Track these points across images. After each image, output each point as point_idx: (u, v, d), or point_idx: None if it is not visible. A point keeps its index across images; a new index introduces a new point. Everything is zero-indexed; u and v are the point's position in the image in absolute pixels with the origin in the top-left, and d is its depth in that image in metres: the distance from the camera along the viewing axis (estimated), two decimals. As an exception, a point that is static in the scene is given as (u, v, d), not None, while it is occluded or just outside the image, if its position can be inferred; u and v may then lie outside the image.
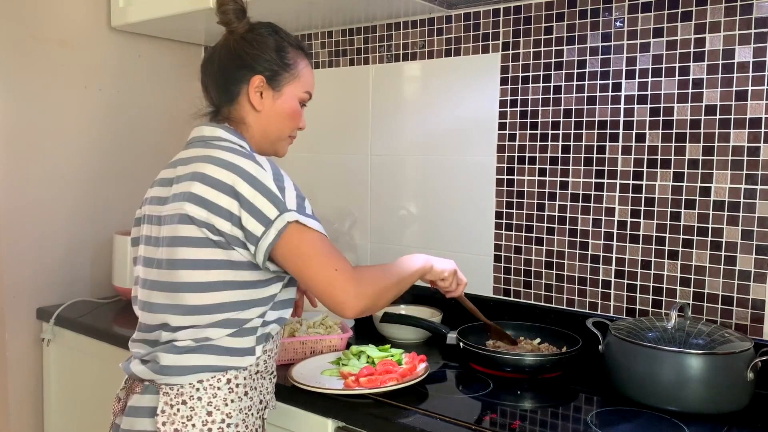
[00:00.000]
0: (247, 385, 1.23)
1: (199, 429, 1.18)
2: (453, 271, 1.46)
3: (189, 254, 1.17)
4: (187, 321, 1.19)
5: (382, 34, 2.02)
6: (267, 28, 1.30)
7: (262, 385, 1.27)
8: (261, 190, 1.15)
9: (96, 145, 2.24)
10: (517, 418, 1.30)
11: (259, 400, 1.26)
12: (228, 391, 1.20)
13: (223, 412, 1.19)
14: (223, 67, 1.29)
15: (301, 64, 1.32)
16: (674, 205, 1.55)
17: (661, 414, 1.30)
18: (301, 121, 1.36)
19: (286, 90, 1.30)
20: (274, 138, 1.33)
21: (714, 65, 1.48)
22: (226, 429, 1.19)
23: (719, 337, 1.35)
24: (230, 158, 1.18)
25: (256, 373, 1.25)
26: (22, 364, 2.14)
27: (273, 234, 1.14)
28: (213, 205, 1.15)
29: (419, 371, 1.45)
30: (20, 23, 2.06)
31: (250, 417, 1.23)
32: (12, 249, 2.08)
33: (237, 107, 1.29)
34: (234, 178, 1.15)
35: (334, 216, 2.12)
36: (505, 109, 1.78)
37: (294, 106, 1.32)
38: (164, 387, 1.20)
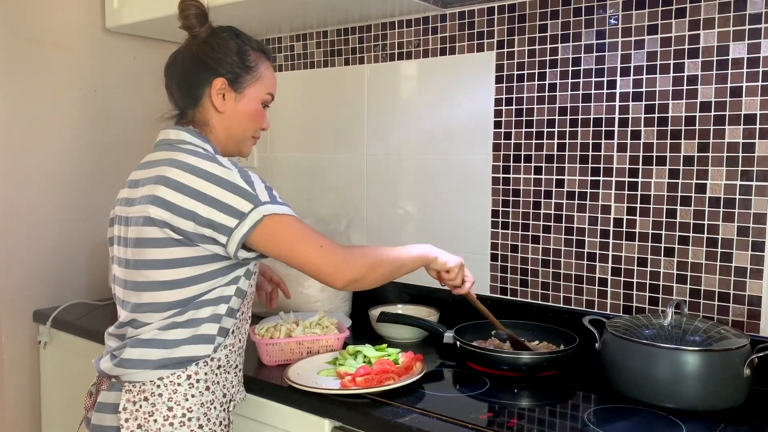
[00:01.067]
0: (209, 380, 1.27)
1: (160, 424, 1.22)
2: (459, 265, 1.47)
3: (154, 255, 1.22)
4: (153, 317, 1.24)
5: (377, 34, 2.02)
6: (228, 32, 1.34)
7: (225, 380, 1.31)
8: (229, 188, 1.20)
9: (91, 146, 2.24)
10: (514, 417, 1.30)
11: (223, 393, 1.30)
12: (188, 387, 1.24)
13: (184, 407, 1.24)
14: (186, 71, 1.33)
15: (263, 66, 1.35)
16: (670, 202, 1.55)
17: (658, 411, 1.30)
18: (264, 121, 1.39)
19: (247, 92, 1.33)
20: (237, 138, 1.36)
21: (708, 62, 1.48)
22: (187, 423, 1.24)
23: (716, 333, 1.35)
24: (194, 162, 1.22)
25: (218, 368, 1.28)
26: (19, 367, 2.13)
27: (248, 225, 1.20)
28: (176, 207, 1.19)
29: (416, 370, 1.45)
30: (14, 25, 2.05)
31: (213, 411, 1.28)
32: (7, 252, 2.07)
33: (201, 110, 1.32)
34: (198, 181, 1.20)
35: (330, 216, 2.12)
36: (501, 108, 1.78)
37: (256, 108, 1.35)
38: (127, 384, 1.24)
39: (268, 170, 2.33)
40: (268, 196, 1.22)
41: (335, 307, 1.94)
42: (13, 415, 2.15)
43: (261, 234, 1.20)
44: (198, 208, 1.18)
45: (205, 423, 1.26)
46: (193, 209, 1.19)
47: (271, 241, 1.22)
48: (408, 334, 1.74)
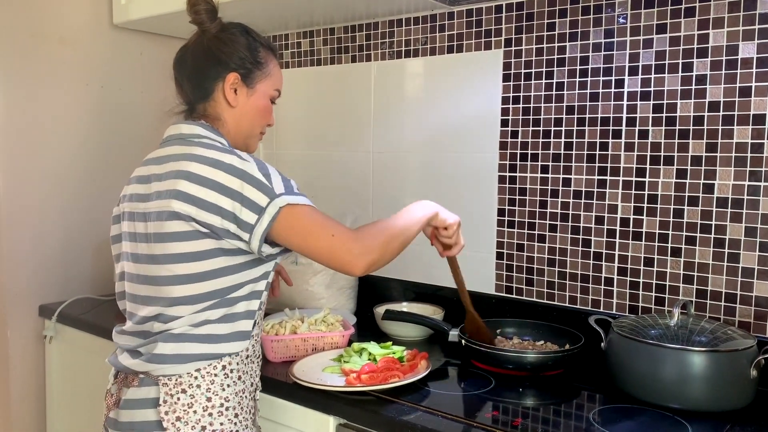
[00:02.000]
0: (240, 370, 1.29)
1: (200, 414, 1.23)
2: (457, 223, 1.47)
3: (179, 248, 1.22)
4: (181, 311, 1.23)
5: (384, 31, 2.02)
6: (238, 27, 1.35)
7: (252, 369, 1.33)
8: (249, 181, 1.20)
9: (97, 142, 2.24)
10: (519, 416, 1.30)
11: (251, 383, 1.32)
12: (224, 377, 1.26)
13: (221, 397, 1.25)
14: (197, 65, 1.33)
15: (272, 63, 1.37)
16: (677, 202, 1.54)
17: (664, 412, 1.29)
18: (271, 117, 1.41)
19: (258, 87, 1.35)
20: (246, 133, 1.37)
21: (717, 61, 1.47)
22: (225, 412, 1.25)
23: (722, 334, 1.34)
24: (213, 155, 1.22)
25: (247, 358, 1.30)
26: (25, 361, 2.14)
27: (267, 220, 1.20)
28: (201, 201, 1.19)
29: (421, 368, 1.45)
30: (21, 21, 2.06)
31: (245, 399, 1.30)
32: (14, 247, 2.08)
33: (212, 104, 1.33)
34: (221, 174, 1.20)
35: (335, 213, 2.10)
36: (508, 106, 1.77)
37: (266, 103, 1.37)
38: (162, 378, 1.23)
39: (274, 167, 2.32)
40: (283, 187, 1.23)
41: (340, 304, 1.94)
42: (19, 408, 2.15)
43: (279, 226, 1.21)
44: (223, 202, 1.19)
45: (240, 411, 1.28)
46: (218, 203, 1.19)
47: (288, 232, 1.22)
48: (413, 332, 1.74)
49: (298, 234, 1.23)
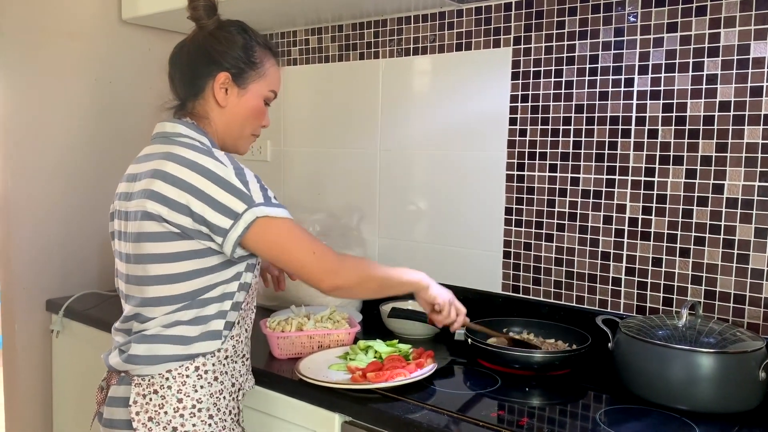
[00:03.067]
0: (217, 371, 1.27)
1: (171, 415, 1.23)
2: (449, 301, 1.47)
3: (154, 249, 1.22)
4: (154, 312, 1.24)
5: (393, 28, 2.01)
6: (236, 26, 1.33)
7: (233, 369, 1.31)
8: (224, 186, 1.19)
9: (105, 138, 2.25)
10: (525, 415, 1.29)
11: (231, 383, 1.30)
12: (197, 378, 1.25)
13: (193, 398, 1.24)
14: (190, 62, 1.32)
15: (268, 63, 1.34)
16: (686, 202, 1.53)
17: (671, 413, 1.28)
18: (264, 119, 1.38)
19: (251, 88, 1.32)
20: (236, 135, 1.34)
21: (728, 61, 1.46)
22: (197, 414, 1.24)
23: (731, 336, 1.33)
24: (190, 156, 1.21)
25: (225, 359, 1.29)
26: (32, 355, 2.15)
27: (242, 227, 1.19)
28: (173, 202, 1.19)
29: (426, 367, 1.44)
30: (30, 16, 2.06)
31: (222, 400, 1.28)
32: (21, 242, 2.09)
33: (202, 102, 1.31)
34: (194, 176, 1.19)
35: (342, 211, 2.11)
36: (516, 104, 1.77)
37: (258, 105, 1.34)
38: (136, 378, 1.25)
39: (281, 164, 2.33)
40: (262, 197, 1.21)
41: (346, 301, 1.94)
42: (26, 401, 2.16)
43: (254, 235, 1.20)
44: (194, 204, 1.18)
45: (215, 413, 1.26)
46: (189, 205, 1.18)
47: (263, 243, 1.21)
48: (419, 330, 1.74)
49: (276, 246, 1.22)
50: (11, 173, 2.07)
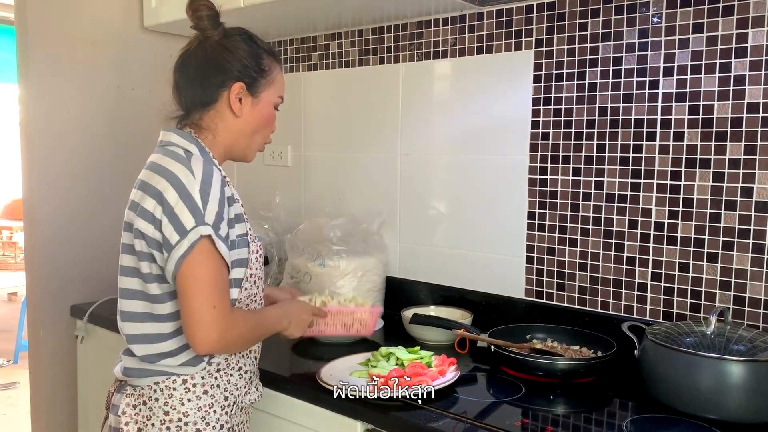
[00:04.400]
0: (206, 384, 1.26)
1: (158, 428, 1.23)
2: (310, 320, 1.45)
3: (124, 261, 1.26)
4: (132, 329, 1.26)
5: (413, 32, 2.00)
6: (242, 34, 1.32)
7: (228, 383, 1.29)
8: (184, 198, 1.17)
9: (128, 144, 2.26)
10: (549, 424, 1.28)
11: (224, 397, 1.28)
12: (184, 391, 1.24)
13: (180, 412, 1.23)
14: (200, 73, 1.29)
15: (275, 69, 1.34)
16: (714, 206, 1.50)
17: (700, 423, 1.26)
18: (274, 125, 1.39)
19: (263, 96, 1.32)
20: (245, 144, 1.34)
21: (757, 61, 1.43)
22: (183, 427, 1.23)
23: (761, 343, 1.30)
24: (164, 163, 1.21)
25: (217, 372, 1.27)
26: (57, 360, 2.17)
27: (186, 245, 1.16)
28: (141, 208, 1.20)
29: (449, 374, 1.43)
30: (54, 24, 2.09)
31: (212, 414, 1.26)
32: (46, 248, 2.11)
33: (212, 113, 1.30)
34: (163, 183, 1.18)
35: (363, 216, 2.10)
36: (539, 108, 1.75)
37: (270, 112, 1.35)
38: (129, 388, 1.27)
39: (301, 169, 2.33)
40: (212, 220, 1.17)
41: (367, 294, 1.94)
42: (51, 406, 2.19)
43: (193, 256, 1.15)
44: (156, 211, 1.17)
45: (204, 427, 1.25)
46: (153, 211, 1.18)
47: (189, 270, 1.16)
48: (441, 337, 1.72)
49: (192, 278, 1.16)
50: (36, 180, 2.09)
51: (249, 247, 1.28)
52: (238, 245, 1.25)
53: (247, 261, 1.28)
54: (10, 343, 4.79)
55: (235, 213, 1.25)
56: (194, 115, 1.31)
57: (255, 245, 1.30)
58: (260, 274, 1.33)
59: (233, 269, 1.25)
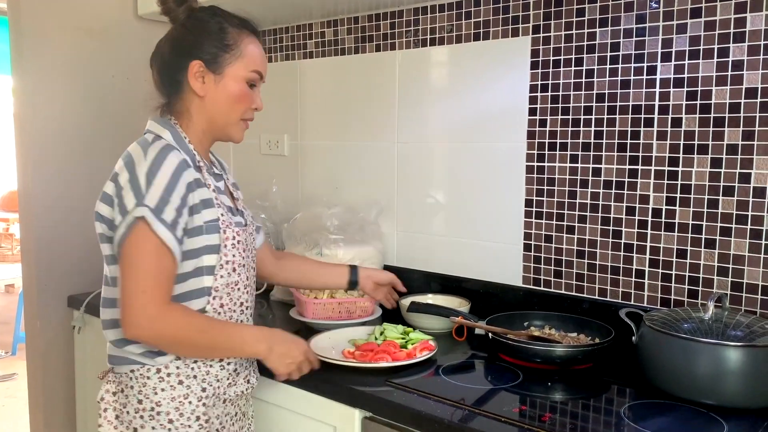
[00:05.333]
0: (182, 374, 1.24)
1: (132, 416, 1.23)
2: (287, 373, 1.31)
3: (105, 250, 1.26)
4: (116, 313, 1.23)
5: (409, 19, 1.99)
6: (207, 11, 1.29)
7: (207, 373, 1.27)
8: (131, 179, 1.16)
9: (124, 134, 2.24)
10: (547, 410, 1.28)
11: (201, 388, 1.26)
12: (158, 380, 1.23)
13: (153, 401, 1.23)
14: (165, 58, 1.29)
15: (245, 42, 1.27)
16: (712, 192, 1.50)
17: (698, 408, 1.26)
18: (253, 101, 1.31)
19: (228, 71, 1.26)
20: (222, 123, 1.29)
21: (755, 46, 1.42)
22: (156, 416, 1.23)
23: (759, 328, 1.30)
24: (130, 147, 1.22)
25: (194, 362, 1.25)
26: (54, 351, 2.17)
27: (124, 227, 1.16)
28: (102, 193, 1.21)
29: (417, 358, 1.46)
30: (47, 13, 2.07)
31: (187, 405, 1.24)
32: (42, 238, 2.10)
33: (183, 97, 1.28)
34: (120, 165, 1.20)
35: (360, 205, 2.10)
36: (536, 94, 1.74)
37: (239, 88, 1.27)
38: (110, 375, 1.28)
39: (298, 158, 2.32)
40: (155, 203, 1.15)
41: None
42: (49, 396, 2.18)
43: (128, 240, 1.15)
44: (113, 192, 1.18)
45: (177, 418, 1.23)
46: (111, 193, 1.19)
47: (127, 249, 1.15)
48: (439, 324, 1.72)
49: (128, 258, 1.15)
50: (31, 171, 2.08)
51: (221, 233, 1.25)
52: (206, 231, 1.23)
53: (219, 247, 1.24)
54: (7, 334, 4.80)
55: (201, 198, 1.22)
56: (173, 101, 1.30)
57: (231, 231, 1.27)
58: (243, 261, 1.30)
59: (204, 256, 1.22)
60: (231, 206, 1.34)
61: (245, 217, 1.40)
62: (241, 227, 1.32)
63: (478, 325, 1.57)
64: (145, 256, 1.15)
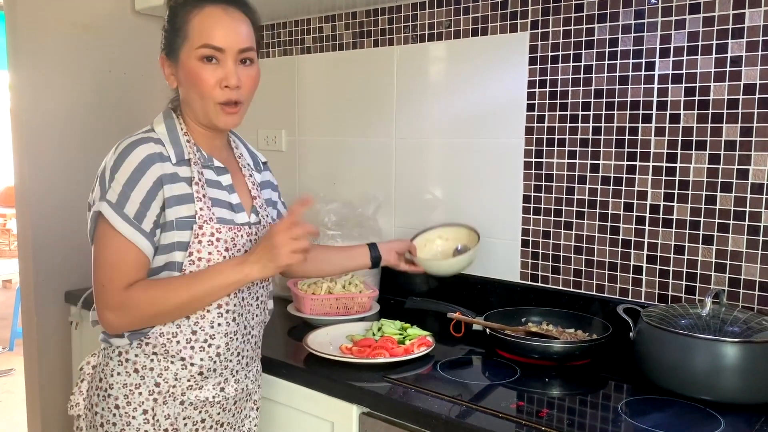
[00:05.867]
0: (138, 363, 1.22)
1: (92, 392, 1.26)
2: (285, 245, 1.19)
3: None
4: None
5: (407, 14, 1.98)
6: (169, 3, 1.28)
7: (165, 369, 1.22)
8: (101, 173, 1.20)
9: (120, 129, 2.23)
10: (545, 406, 1.28)
11: (155, 382, 1.22)
12: (117, 364, 1.23)
13: (107, 382, 1.24)
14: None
15: (189, 21, 1.20)
16: (709, 188, 1.50)
17: (695, 404, 1.26)
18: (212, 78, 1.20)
19: (182, 56, 1.21)
20: (198, 110, 1.24)
21: (754, 42, 1.42)
22: (106, 398, 1.23)
23: (756, 324, 1.30)
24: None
25: (153, 354, 1.22)
26: (51, 347, 2.17)
27: (90, 222, 1.21)
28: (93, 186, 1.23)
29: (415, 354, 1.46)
30: (44, 8, 2.06)
31: (136, 395, 1.22)
32: (39, 234, 2.10)
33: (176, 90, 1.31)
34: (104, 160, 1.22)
35: (358, 200, 2.10)
36: (534, 90, 1.73)
37: (192, 70, 1.20)
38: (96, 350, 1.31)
39: (295, 154, 2.32)
40: (115, 198, 1.16)
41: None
42: (46, 391, 2.18)
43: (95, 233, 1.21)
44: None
45: (124, 405, 1.22)
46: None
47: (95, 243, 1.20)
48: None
49: (95, 251, 1.21)
50: (28, 167, 2.08)
51: (194, 230, 1.20)
52: (177, 227, 1.19)
53: (188, 245, 1.20)
54: (5, 330, 4.79)
55: (175, 194, 1.19)
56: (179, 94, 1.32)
57: (210, 227, 1.21)
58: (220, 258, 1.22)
59: (175, 252, 1.19)
60: (231, 202, 1.28)
61: (260, 217, 1.33)
62: (232, 225, 1.25)
63: (476, 320, 1.57)
64: (105, 250, 1.18)
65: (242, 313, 1.29)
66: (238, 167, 1.37)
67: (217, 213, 1.24)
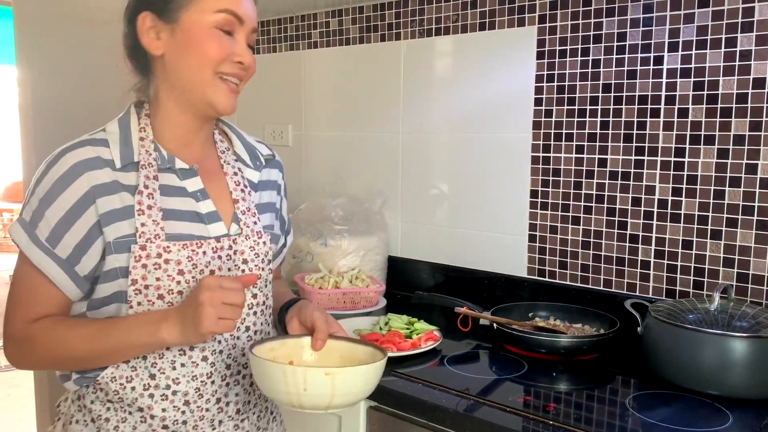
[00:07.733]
0: (94, 411, 1.03)
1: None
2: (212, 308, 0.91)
3: None
4: None
5: (414, 9, 1.98)
6: None
7: (123, 420, 1.01)
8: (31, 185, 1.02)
9: (128, 124, 2.25)
10: (552, 401, 1.28)
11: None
12: (76, 409, 1.06)
13: (68, 430, 1.07)
14: (123, 30, 1.06)
15: None
16: (718, 182, 1.49)
17: (703, 398, 1.26)
18: (228, 49, 1.00)
19: (184, 17, 0.99)
20: (191, 86, 1.01)
21: (763, 36, 1.41)
22: None
23: (764, 319, 1.30)
24: None
25: (108, 402, 1.02)
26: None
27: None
28: None
29: (422, 348, 1.47)
30: (51, 3, 2.06)
31: None
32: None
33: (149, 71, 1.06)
34: None
35: (364, 195, 2.10)
36: (542, 84, 1.73)
37: (204, 34, 0.99)
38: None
39: (302, 149, 2.32)
40: (29, 218, 0.98)
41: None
42: (54, 384, 2.19)
43: None
44: None
45: None
46: None
47: None
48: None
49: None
50: (35, 162, 2.08)
51: (132, 252, 0.97)
52: (115, 249, 0.98)
53: (127, 270, 0.97)
54: (13, 324, 4.81)
55: (112, 208, 0.98)
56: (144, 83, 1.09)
57: (155, 246, 0.98)
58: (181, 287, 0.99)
59: (120, 279, 0.98)
60: (199, 212, 1.05)
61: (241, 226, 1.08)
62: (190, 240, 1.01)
63: (483, 315, 1.57)
64: (15, 274, 1.00)
65: (220, 349, 1.03)
66: (219, 165, 1.12)
67: (170, 227, 1.00)
